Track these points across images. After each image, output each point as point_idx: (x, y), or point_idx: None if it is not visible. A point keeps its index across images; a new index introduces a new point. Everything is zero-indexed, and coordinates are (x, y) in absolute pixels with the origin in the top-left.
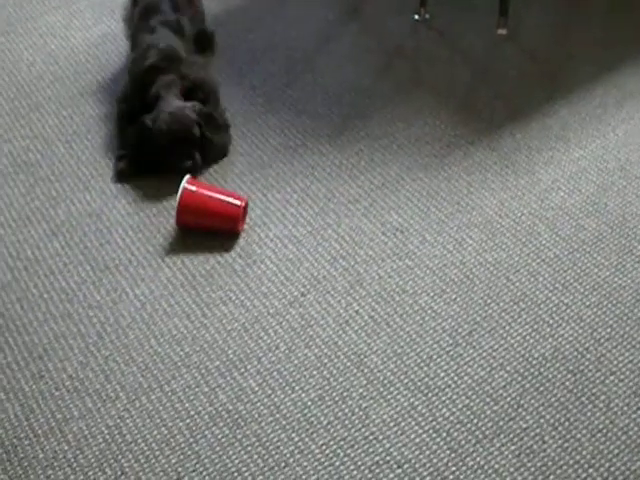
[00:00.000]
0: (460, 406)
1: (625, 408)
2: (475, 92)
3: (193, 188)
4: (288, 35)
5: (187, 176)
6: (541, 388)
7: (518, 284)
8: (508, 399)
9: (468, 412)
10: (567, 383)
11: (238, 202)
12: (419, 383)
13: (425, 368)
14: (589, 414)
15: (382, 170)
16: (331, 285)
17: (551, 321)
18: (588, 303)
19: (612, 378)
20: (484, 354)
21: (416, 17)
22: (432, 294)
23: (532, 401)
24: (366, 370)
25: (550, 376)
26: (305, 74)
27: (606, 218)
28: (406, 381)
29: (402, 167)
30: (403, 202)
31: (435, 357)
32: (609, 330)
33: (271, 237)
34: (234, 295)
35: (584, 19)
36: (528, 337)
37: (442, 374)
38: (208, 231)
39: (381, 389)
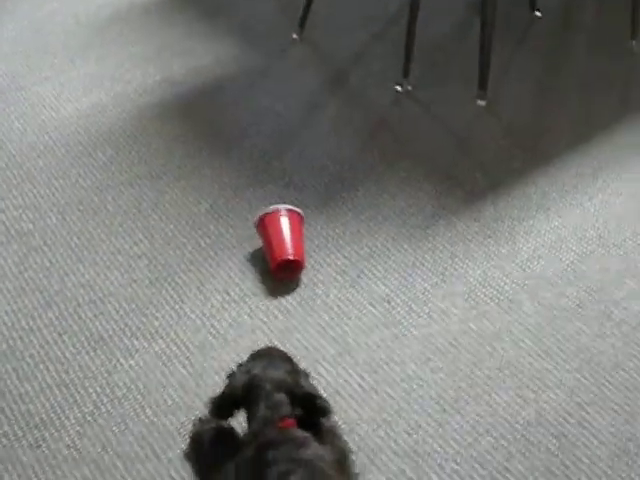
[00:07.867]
0: (448, 471)
1: (609, 471)
2: (457, 163)
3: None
4: (273, 107)
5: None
6: (526, 453)
7: (501, 351)
8: (494, 463)
9: (456, 476)
10: (551, 447)
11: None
12: (408, 449)
13: (414, 435)
14: (573, 477)
15: (368, 241)
16: (320, 355)
17: (534, 387)
18: (569, 368)
19: (594, 441)
20: (470, 420)
21: (398, 88)
22: (419, 363)
23: (518, 465)
24: (356, 437)
25: (535, 440)
26: (291, 146)
27: (585, 285)
28: (395, 448)
29: (388, 238)
30: (389, 273)
31: (423, 424)
32: (590, 395)
33: (261, 308)
34: (226, 365)
35: (560, 90)
36: (512, 403)
37: (430, 440)
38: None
39: (371, 456)
